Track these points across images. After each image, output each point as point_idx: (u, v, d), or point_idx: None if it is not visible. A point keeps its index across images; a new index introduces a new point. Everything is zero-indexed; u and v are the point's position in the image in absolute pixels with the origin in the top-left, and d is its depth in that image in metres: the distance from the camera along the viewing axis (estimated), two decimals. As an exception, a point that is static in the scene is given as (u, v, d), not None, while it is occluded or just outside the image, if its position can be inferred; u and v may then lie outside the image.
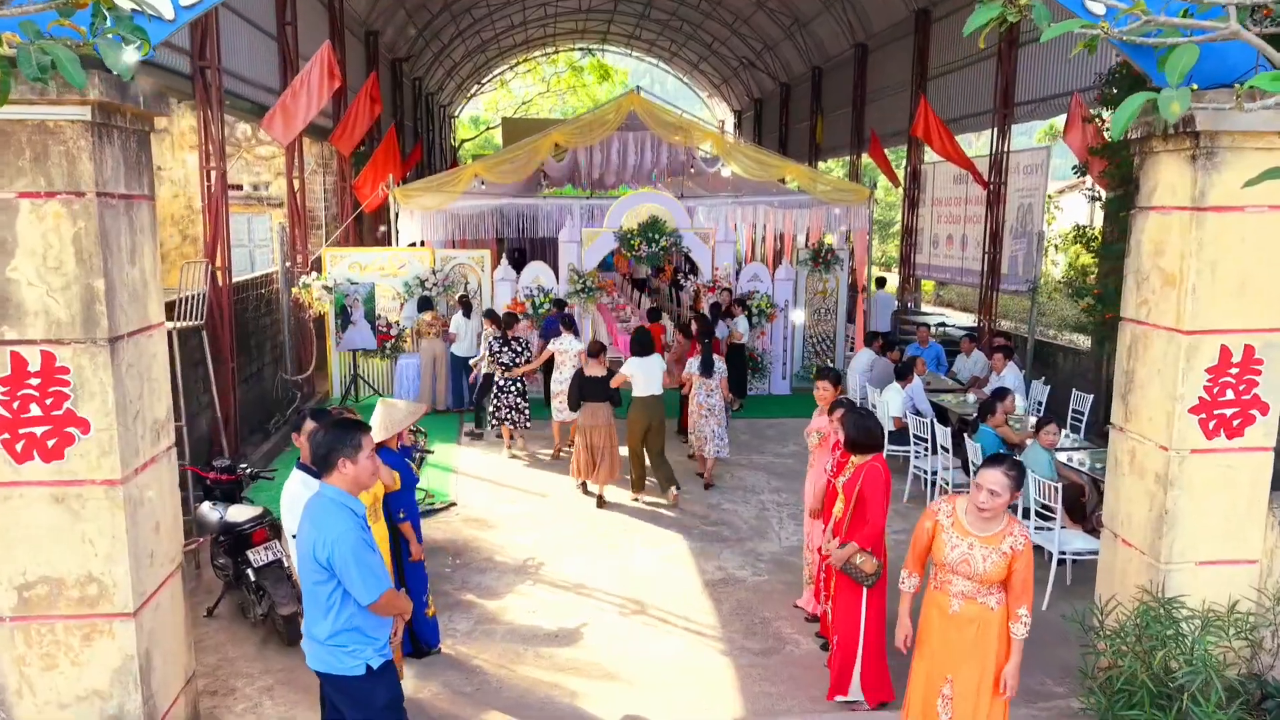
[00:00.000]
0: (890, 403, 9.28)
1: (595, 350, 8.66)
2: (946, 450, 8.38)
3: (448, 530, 8.12)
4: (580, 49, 36.15)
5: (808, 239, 16.19)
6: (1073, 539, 6.77)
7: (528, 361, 10.32)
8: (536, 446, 10.66)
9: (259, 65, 11.78)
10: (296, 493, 4.15)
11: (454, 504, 8.74)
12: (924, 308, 20.22)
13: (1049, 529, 6.83)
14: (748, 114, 31.27)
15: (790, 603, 6.60)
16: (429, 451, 8.36)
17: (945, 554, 4.00)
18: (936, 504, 4.16)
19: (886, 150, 17.77)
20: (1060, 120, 13.60)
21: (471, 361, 11.08)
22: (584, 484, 9.01)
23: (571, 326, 10.39)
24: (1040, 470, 6.72)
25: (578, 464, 8.77)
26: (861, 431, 4.93)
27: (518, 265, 13.59)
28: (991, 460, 3.97)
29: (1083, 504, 7.25)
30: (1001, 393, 8.51)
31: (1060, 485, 6.60)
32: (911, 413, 9.27)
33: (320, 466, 3.57)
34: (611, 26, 31.19)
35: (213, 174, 9.71)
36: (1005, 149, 13.97)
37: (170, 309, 7.89)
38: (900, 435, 9.08)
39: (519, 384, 10.28)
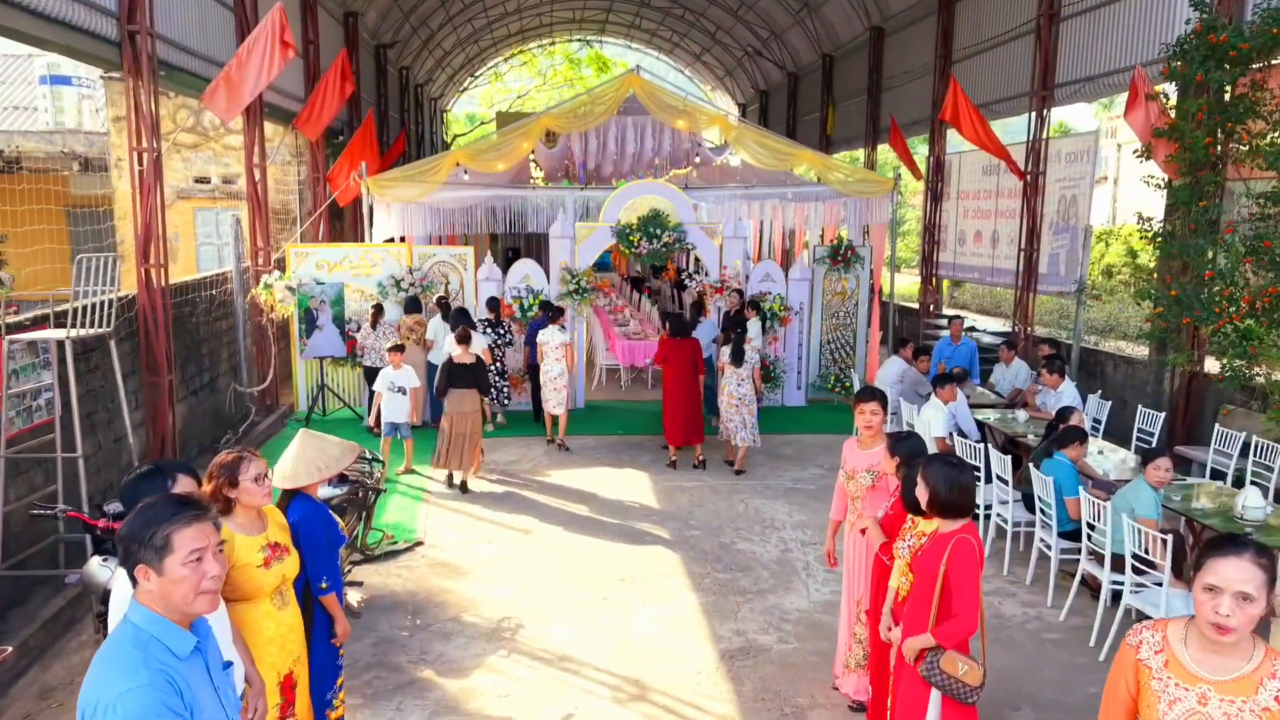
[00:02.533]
0: (933, 422, 7.92)
1: (463, 337, 8.53)
2: (1004, 481, 7.03)
3: (410, 578, 6.77)
4: (578, 40, 34.67)
5: (823, 235, 14.87)
6: (1176, 600, 5.43)
7: (509, 345, 10.55)
8: (529, 448, 9.35)
9: (211, 37, 10.41)
10: (126, 597, 2.75)
11: (420, 543, 7.39)
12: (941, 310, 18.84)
13: (1147, 587, 5.52)
14: (753, 107, 29.89)
15: (828, 683, 5.26)
16: (381, 490, 6.98)
17: (1159, 716, 2.42)
18: (1137, 637, 2.56)
19: (905, 140, 16.40)
20: (1082, 109, 12.23)
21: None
22: (450, 476, 8.82)
23: (559, 317, 10.13)
24: (1146, 514, 5.37)
25: (442, 453, 8.54)
26: (955, 489, 3.39)
27: (511, 264, 12.18)
28: (1225, 545, 2.35)
29: (1185, 553, 5.91)
30: (1066, 413, 7.20)
31: (1169, 534, 5.27)
32: (955, 433, 7.94)
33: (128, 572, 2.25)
34: (610, 16, 29.79)
35: (144, 156, 8.36)
36: (1044, 135, 12.60)
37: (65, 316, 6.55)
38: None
39: (499, 364, 10.53)
